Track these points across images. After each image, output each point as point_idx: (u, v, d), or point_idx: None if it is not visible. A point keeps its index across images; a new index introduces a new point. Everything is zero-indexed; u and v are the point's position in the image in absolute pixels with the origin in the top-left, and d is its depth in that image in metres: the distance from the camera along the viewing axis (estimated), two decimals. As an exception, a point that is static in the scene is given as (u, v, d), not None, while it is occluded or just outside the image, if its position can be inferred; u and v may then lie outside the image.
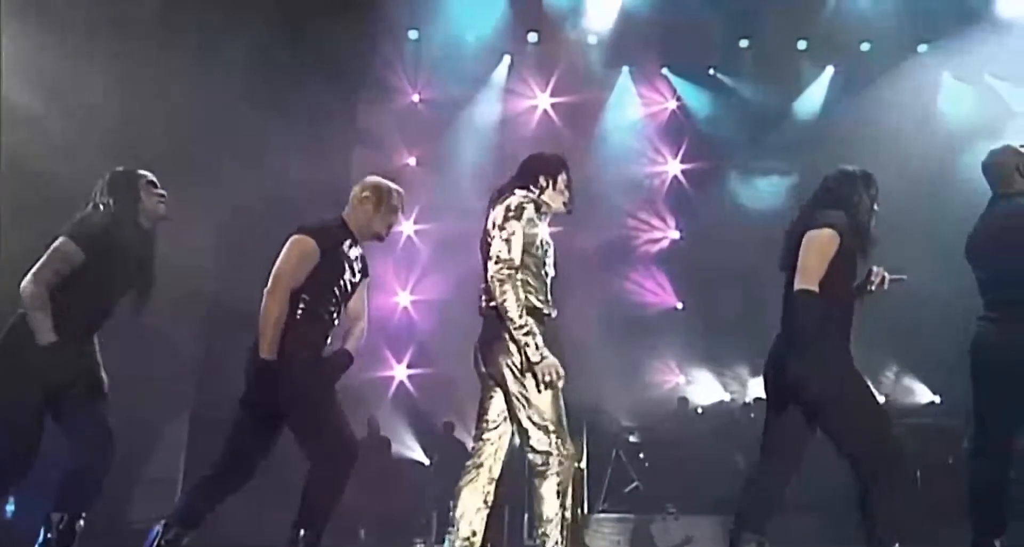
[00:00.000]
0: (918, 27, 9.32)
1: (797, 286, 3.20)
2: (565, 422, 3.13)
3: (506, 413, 3.20)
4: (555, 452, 3.06)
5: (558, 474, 3.05)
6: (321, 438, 3.21)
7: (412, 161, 9.94)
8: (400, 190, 3.53)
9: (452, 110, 9.89)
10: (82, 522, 3.39)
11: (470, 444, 3.37)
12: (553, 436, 3.06)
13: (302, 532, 3.14)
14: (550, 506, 3.04)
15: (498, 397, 3.22)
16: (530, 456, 3.09)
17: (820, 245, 3.22)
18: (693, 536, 5.63)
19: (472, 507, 3.17)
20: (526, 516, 6.02)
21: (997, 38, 8.93)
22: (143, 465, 6.50)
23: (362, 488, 4.89)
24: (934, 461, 6.83)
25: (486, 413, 3.25)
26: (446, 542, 3.21)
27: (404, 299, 9.87)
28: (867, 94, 9.56)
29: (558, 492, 3.05)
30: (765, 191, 9.49)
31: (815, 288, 3.18)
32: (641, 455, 7.69)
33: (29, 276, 3.41)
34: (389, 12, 9.07)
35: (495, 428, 3.25)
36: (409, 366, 9.65)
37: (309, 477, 3.18)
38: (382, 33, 9.20)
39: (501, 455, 3.26)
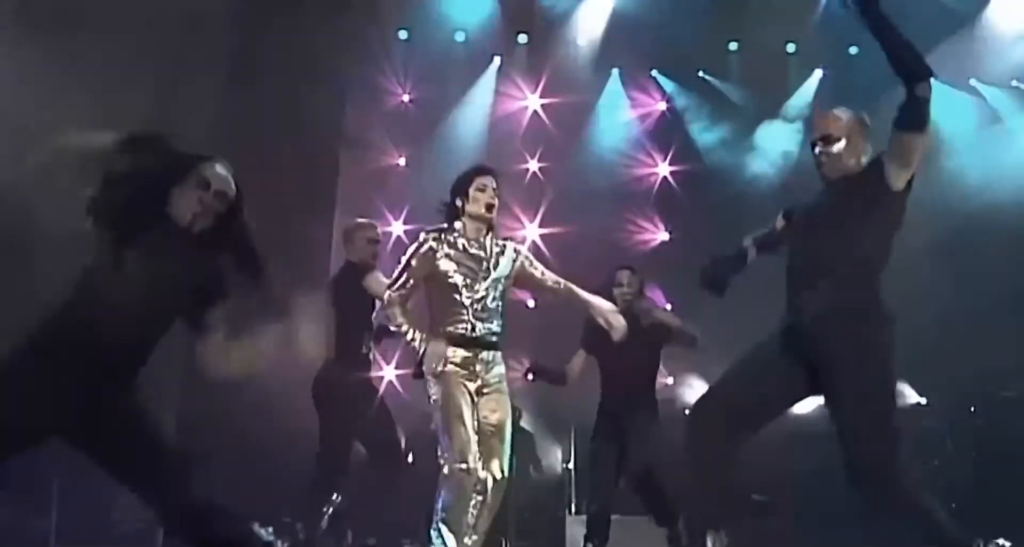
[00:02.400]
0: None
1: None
2: None
3: None
4: None
5: None
6: None
7: (401, 161, 9.90)
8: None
9: (441, 111, 9.86)
10: None
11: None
12: None
13: None
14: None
15: None
16: None
17: None
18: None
19: None
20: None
21: (982, 43, 9.00)
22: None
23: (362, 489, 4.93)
24: (920, 463, 6.88)
25: None
26: None
27: (392, 299, 9.81)
28: (855, 97, 9.59)
29: None
30: (753, 193, 9.51)
31: None
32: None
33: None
34: (378, 12, 9.05)
35: None
36: (397, 367, 9.62)
37: None
38: (371, 33, 9.18)
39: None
